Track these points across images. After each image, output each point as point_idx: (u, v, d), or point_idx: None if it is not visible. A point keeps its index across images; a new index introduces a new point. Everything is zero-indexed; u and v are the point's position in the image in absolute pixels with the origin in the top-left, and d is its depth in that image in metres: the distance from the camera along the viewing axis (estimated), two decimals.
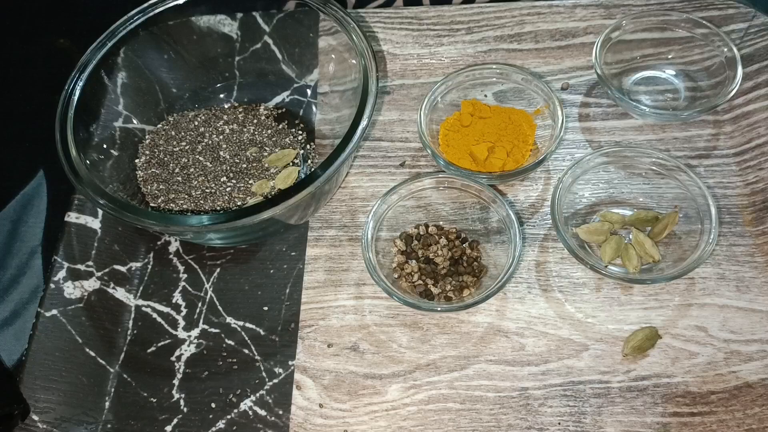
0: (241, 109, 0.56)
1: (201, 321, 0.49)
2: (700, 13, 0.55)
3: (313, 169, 0.44)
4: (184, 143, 0.54)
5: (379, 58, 0.58)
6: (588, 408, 0.43)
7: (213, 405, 0.46)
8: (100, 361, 0.48)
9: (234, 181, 0.52)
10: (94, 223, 0.51)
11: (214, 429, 0.45)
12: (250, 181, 0.52)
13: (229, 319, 0.49)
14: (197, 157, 0.53)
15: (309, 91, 0.58)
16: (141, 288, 0.51)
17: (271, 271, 0.51)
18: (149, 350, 0.48)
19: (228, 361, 0.47)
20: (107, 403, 0.47)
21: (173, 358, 0.48)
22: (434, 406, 0.44)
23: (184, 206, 0.51)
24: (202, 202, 0.51)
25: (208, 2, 0.54)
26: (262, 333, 0.48)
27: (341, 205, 0.52)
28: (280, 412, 0.45)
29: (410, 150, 0.54)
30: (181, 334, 0.49)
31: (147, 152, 0.54)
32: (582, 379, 0.44)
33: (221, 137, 0.54)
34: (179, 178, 0.52)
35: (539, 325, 0.46)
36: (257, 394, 0.46)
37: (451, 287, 0.47)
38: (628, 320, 0.46)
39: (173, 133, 0.54)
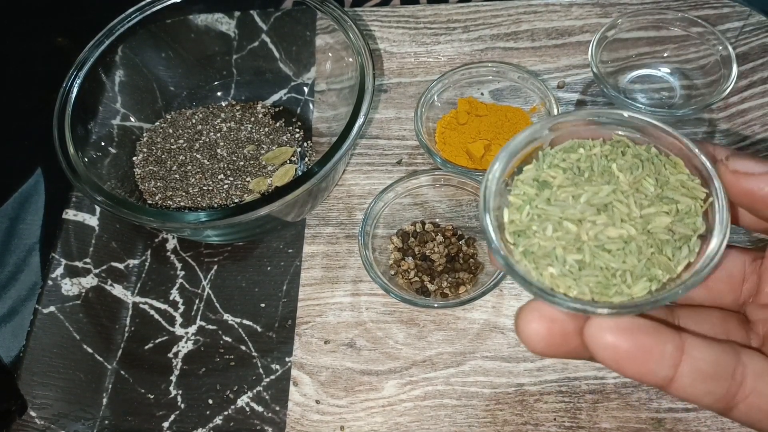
0: (238, 107, 0.57)
1: (198, 318, 0.49)
2: (696, 12, 0.56)
3: (310, 167, 0.44)
4: (181, 141, 0.54)
5: (376, 56, 0.59)
6: (583, 404, 0.43)
7: (210, 401, 0.46)
8: (98, 357, 0.48)
9: (231, 178, 0.52)
10: (92, 221, 0.51)
11: (211, 425, 0.45)
12: (248, 179, 0.52)
13: (226, 316, 0.49)
14: (195, 154, 0.53)
15: (306, 89, 0.58)
16: (138, 285, 0.51)
17: (269, 268, 0.51)
18: (147, 347, 0.49)
19: (225, 357, 0.48)
20: (105, 400, 0.47)
21: (170, 355, 0.48)
22: (430, 402, 0.44)
23: (182, 203, 0.51)
24: (199, 199, 0.51)
25: (205, 0, 0.54)
26: (259, 330, 0.48)
27: (338, 202, 0.53)
28: (277, 408, 0.45)
29: (407, 148, 0.55)
30: (179, 330, 0.49)
31: (145, 150, 0.54)
32: (577, 375, 0.44)
33: (219, 135, 0.54)
34: (177, 176, 0.52)
35: None
36: (254, 391, 0.46)
37: (448, 284, 0.47)
38: None
39: (171, 130, 0.55)
